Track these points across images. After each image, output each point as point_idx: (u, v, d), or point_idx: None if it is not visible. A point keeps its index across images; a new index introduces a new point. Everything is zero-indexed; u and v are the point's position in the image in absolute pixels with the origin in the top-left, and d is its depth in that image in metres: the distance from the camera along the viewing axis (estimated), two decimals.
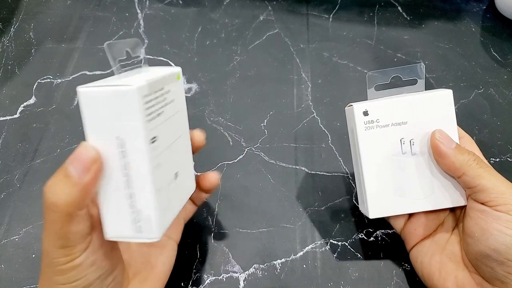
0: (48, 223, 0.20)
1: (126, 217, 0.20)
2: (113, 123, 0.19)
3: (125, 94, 0.19)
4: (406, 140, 0.27)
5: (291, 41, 0.46)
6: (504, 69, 0.44)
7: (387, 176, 0.28)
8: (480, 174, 0.25)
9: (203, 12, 0.49)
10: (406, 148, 0.27)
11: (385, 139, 0.27)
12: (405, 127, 0.27)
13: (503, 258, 0.24)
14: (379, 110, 0.27)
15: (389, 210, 0.28)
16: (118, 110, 0.19)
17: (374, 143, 0.27)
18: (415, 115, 0.27)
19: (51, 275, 0.21)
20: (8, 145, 0.38)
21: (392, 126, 0.27)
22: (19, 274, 0.31)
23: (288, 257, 0.32)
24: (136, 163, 0.20)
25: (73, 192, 0.19)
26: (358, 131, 0.27)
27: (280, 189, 0.35)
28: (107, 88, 0.19)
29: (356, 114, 0.27)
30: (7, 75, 0.43)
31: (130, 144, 0.19)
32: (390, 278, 0.31)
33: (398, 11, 0.49)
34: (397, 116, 0.27)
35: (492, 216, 0.25)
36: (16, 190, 0.35)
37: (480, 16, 0.49)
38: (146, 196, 0.20)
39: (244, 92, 0.42)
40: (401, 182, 0.28)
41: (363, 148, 0.28)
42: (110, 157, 0.20)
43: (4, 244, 0.32)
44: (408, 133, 0.27)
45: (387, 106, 0.27)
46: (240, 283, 0.31)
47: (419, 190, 0.28)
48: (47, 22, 0.48)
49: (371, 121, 0.27)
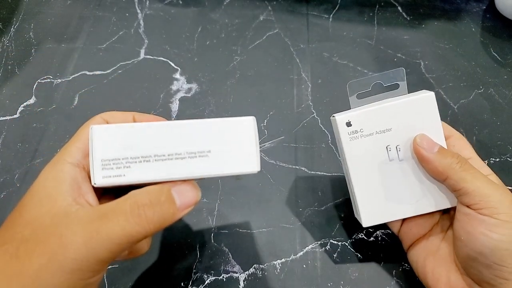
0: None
1: None
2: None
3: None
4: (392, 147, 0.27)
5: (291, 41, 0.46)
6: (504, 69, 0.44)
7: (376, 184, 0.28)
8: (463, 177, 0.25)
9: (203, 12, 0.49)
10: (393, 155, 0.27)
11: (370, 148, 0.27)
12: (390, 134, 0.27)
13: (489, 262, 0.24)
14: (361, 119, 0.27)
15: (382, 218, 0.28)
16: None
17: (360, 152, 0.27)
18: (399, 120, 0.27)
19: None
20: (8, 145, 0.38)
21: (377, 134, 0.27)
22: None
23: (288, 257, 0.32)
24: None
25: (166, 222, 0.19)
26: (343, 142, 0.27)
27: (280, 189, 0.35)
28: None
29: (339, 126, 0.27)
30: (7, 75, 0.43)
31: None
32: (390, 278, 0.31)
33: (398, 11, 0.49)
34: (380, 124, 0.27)
35: (477, 220, 0.24)
36: (16, 190, 0.35)
37: (480, 16, 0.49)
38: None
39: (244, 92, 0.42)
40: (391, 189, 0.28)
41: (350, 159, 0.28)
42: None
43: None
44: (393, 139, 0.27)
45: (370, 115, 0.27)
46: (240, 283, 0.31)
47: (409, 195, 0.28)
48: (47, 22, 0.48)
49: (355, 131, 0.27)
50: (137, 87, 0.42)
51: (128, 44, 0.45)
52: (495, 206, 0.24)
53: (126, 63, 0.44)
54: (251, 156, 0.21)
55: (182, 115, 0.40)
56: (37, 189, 0.21)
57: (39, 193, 0.21)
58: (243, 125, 0.22)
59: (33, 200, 0.21)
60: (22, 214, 0.21)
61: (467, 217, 0.25)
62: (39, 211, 0.20)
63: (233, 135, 0.22)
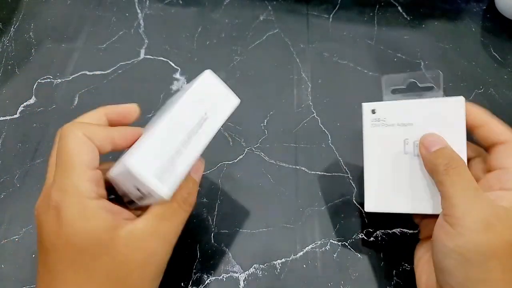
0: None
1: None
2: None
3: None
4: (410, 141, 0.28)
5: (291, 41, 0.46)
6: (504, 69, 0.44)
7: (387, 173, 0.28)
8: (442, 180, 0.25)
9: (203, 12, 0.49)
10: (409, 149, 0.28)
11: (389, 137, 0.28)
12: (411, 128, 0.28)
13: (441, 266, 0.24)
14: (386, 109, 0.28)
15: (385, 207, 0.28)
16: None
17: (378, 139, 0.28)
18: (422, 117, 0.28)
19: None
20: (8, 145, 0.38)
21: (398, 126, 0.28)
22: (19, 274, 0.31)
23: (288, 257, 0.32)
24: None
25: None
26: (364, 127, 0.29)
27: (280, 189, 0.35)
28: None
29: (364, 112, 0.29)
30: (7, 75, 0.43)
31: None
32: (390, 278, 0.31)
33: (398, 11, 0.49)
34: (403, 117, 0.28)
35: (440, 224, 0.25)
36: (16, 190, 0.35)
37: (480, 16, 0.49)
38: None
39: (244, 92, 0.42)
40: (400, 181, 0.28)
41: (367, 143, 0.29)
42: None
43: (4, 244, 0.32)
44: (413, 134, 0.28)
45: (395, 107, 0.28)
46: (240, 283, 0.31)
47: (417, 192, 0.28)
48: (47, 22, 0.48)
49: (377, 119, 0.28)
50: (137, 87, 0.42)
51: (128, 44, 0.45)
52: (459, 217, 0.24)
53: (126, 63, 0.44)
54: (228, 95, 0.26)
55: None
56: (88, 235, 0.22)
57: (100, 243, 0.22)
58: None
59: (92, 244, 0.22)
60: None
61: (439, 220, 0.25)
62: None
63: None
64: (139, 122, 0.40)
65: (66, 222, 0.22)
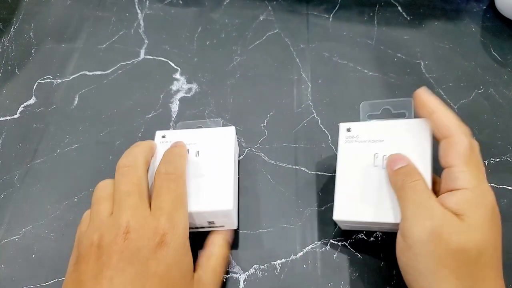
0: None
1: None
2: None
3: None
4: (379, 155, 0.30)
5: (291, 41, 0.46)
6: (504, 69, 0.44)
7: (357, 184, 0.30)
8: (398, 195, 0.27)
9: (203, 12, 0.49)
10: (378, 162, 0.30)
11: (361, 151, 0.30)
12: (381, 144, 0.30)
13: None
14: (360, 128, 0.31)
15: (352, 216, 0.29)
16: None
17: (351, 153, 0.31)
18: (391, 135, 0.30)
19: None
20: (8, 145, 0.38)
21: (369, 142, 0.31)
22: (19, 274, 0.31)
23: (288, 257, 0.32)
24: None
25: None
26: (340, 143, 0.31)
27: (280, 189, 0.35)
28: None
29: (340, 130, 0.32)
30: (7, 75, 0.43)
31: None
32: (390, 278, 0.31)
33: (398, 11, 0.49)
34: (374, 135, 0.31)
35: (398, 240, 0.26)
36: (16, 190, 0.35)
37: (480, 16, 0.49)
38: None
39: (244, 92, 0.42)
40: (369, 192, 0.29)
41: (341, 157, 0.31)
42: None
43: (4, 244, 0.32)
44: (383, 149, 0.30)
45: (368, 126, 0.31)
46: (240, 283, 0.31)
47: (383, 202, 0.29)
48: (47, 22, 0.48)
49: (351, 136, 0.31)
50: (137, 87, 0.42)
51: (128, 44, 0.45)
52: (407, 229, 0.25)
53: (126, 63, 0.44)
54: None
55: (182, 115, 0.40)
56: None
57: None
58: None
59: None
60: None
61: (397, 234, 0.26)
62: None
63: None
64: (139, 122, 0.40)
65: (171, 253, 0.24)
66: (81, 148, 0.38)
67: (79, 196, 0.35)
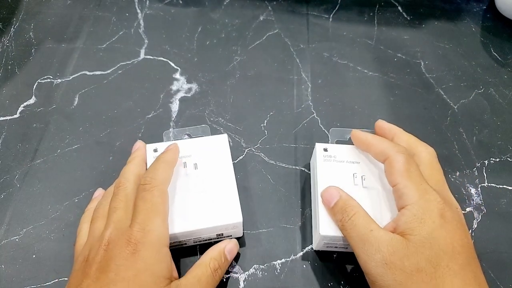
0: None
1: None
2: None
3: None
4: (358, 175, 0.31)
5: (291, 41, 0.46)
6: (504, 69, 0.44)
7: None
8: (343, 235, 0.28)
9: (203, 12, 0.49)
10: (358, 181, 0.31)
11: (340, 171, 0.32)
12: (358, 165, 0.32)
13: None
14: (336, 150, 0.33)
15: (338, 231, 0.29)
16: None
17: (330, 172, 0.31)
18: (366, 158, 0.32)
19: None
20: (8, 145, 0.38)
21: (347, 163, 0.32)
22: (19, 274, 0.31)
23: (288, 257, 0.32)
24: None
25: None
26: (318, 160, 0.32)
27: (280, 189, 0.35)
28: None
29: (317, 149, 0.33)
30: (7, 75, 0.43)
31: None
32: None
33: (398, 11, 0.49)
34: (350, 157, 0.32)
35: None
36: (16, 190, 0.35)
37: (480, 16, 0.49)
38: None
39: (244, 92, 0.42)
40: None
41: (321, 175, 0.31)
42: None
43: (4, 244, 0.32)
44: (360, 170, 0.32)
45: (344, 149, 0.33)
46: (240, 283, 0.31)
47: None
48: (47, 22, 0.48)
49: (329, 155, 0.32)
50: (137, 87, 0.42)
51: (128, 44, 0.45)
52: (363, 265, 0.26)
53: (126, 63, 0.44)
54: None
55: (182, 115, 0.40)
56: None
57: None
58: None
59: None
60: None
61: None
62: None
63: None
64: (139, 122, 0.40)
65: (141, 259, 0.25)
66: (81, 148, 0.38)
67: (79, 196, 0.35)
